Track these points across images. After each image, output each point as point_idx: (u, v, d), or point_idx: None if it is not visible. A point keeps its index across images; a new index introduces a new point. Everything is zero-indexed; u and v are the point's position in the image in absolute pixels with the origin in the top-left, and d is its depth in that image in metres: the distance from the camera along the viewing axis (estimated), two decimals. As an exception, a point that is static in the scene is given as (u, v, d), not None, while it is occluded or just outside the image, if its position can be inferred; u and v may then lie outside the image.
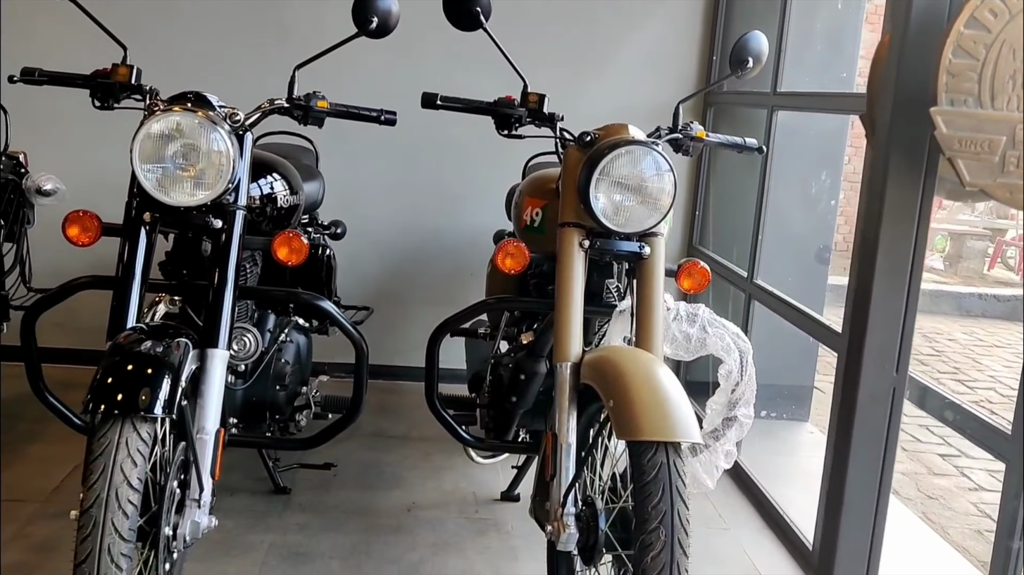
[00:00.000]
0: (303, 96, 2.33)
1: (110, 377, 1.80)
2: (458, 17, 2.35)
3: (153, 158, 2.05)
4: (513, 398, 2.54)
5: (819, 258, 4.05)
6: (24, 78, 2.29)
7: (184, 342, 1.94)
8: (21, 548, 2.59)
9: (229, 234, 2.16)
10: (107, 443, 1.72)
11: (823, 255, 4.06)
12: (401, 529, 2.89)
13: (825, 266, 4.07)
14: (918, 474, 4.30)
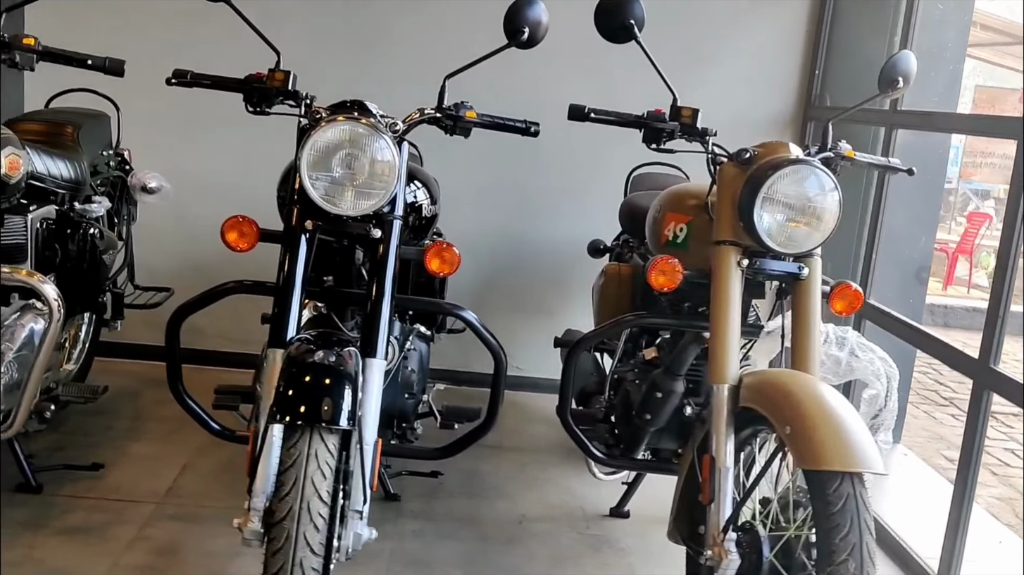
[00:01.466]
0: (453, 106, 2.31)
1: (291, 389, 1.78)
2: (610, 30, 2.33)
3: (320, 167, 2.04)
4: (647, 416, 2.50)
5: (918, 278, 3.99)
6: (178, 80, 2.27)
7: (355, 351, 1.92)
8: (143, 551, 2.57)
9: (387, 243, 2.14)
10: (297, 455, 1.70)
11: (921, 275, 4.00)
12: (515, 540, 2.86)
13: (923, 286, 4.01)
14: (1013, 499, 4.24)
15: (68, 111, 3.18)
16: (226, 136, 4.01)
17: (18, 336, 2.50)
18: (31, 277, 2.20)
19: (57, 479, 2.87)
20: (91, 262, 2.91)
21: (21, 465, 2.78)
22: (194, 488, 2.98)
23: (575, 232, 4.05)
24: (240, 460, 3.18)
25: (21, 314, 2.56)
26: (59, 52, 2.16)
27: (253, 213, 4.07)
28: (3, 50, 2.11)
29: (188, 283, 3.81)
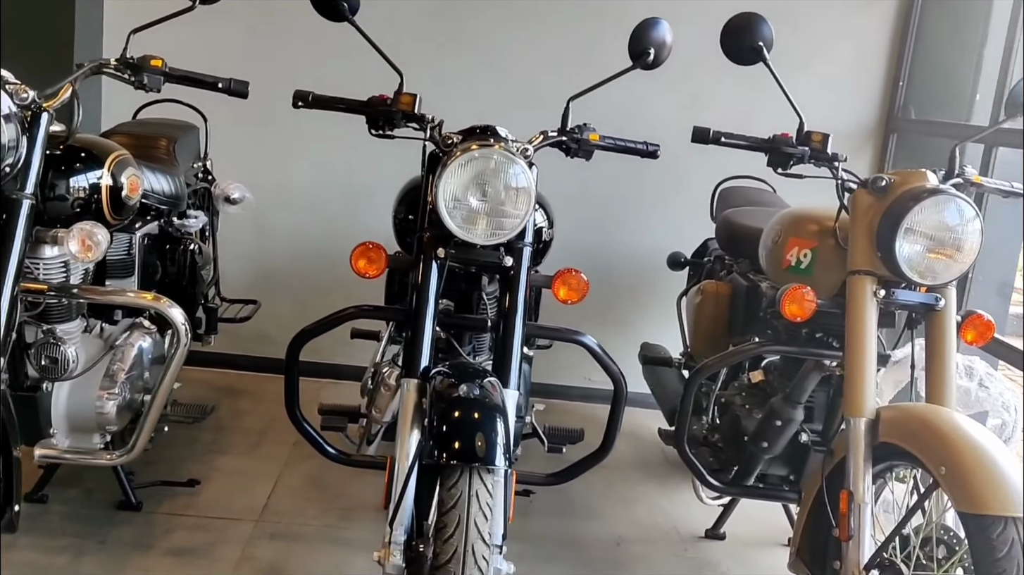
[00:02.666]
0: (576, 128, 2.28)
1: (444, 425, 1.75)
2: (738, 52, 2.29)
3: (456, 194, 2.00)
4: (763, 443, 2.46)
5: (1000, 293, 3.93)
6: (299, 103, 2.24)
7: (497, 383, 1.90)
8: (251, 571, 2.56)
9: (517, 271, 2.11)
10: (459, 495, 1.67)
11: (1004, 290, 3.94)
12: (616, 563, 2.83)
13: (1006, 301, 3.95)
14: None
15: (158, 123, 3.16)
16: (301, 145, 3.99)
17: (128, 356, 2.48)
18: (158, 301, 2.18)
19: (155, 496, 2.86)
20: (190, 278, 2.89)
21: (122, 483, 2.76)
22: (288, 505, 2.96)
23: (653, 243, 4.01)
24: (327, 475, 3.20)
25: (130, 333, 2.55)
26: (185, 74, 2.13)
27: (327, 222, 4.12)
28: (133, 72, 2.08)
29: (267, 294, 3.82)
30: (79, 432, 2.41)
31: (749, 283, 2.85)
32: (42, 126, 1.97)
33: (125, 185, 2.29)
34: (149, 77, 2.10)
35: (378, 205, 4.19)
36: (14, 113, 1.89)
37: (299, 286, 4.11)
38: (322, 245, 4.14)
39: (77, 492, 2.84)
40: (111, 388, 2.39)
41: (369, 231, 4.11)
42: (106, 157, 2.25)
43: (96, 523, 2.69)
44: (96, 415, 2.38)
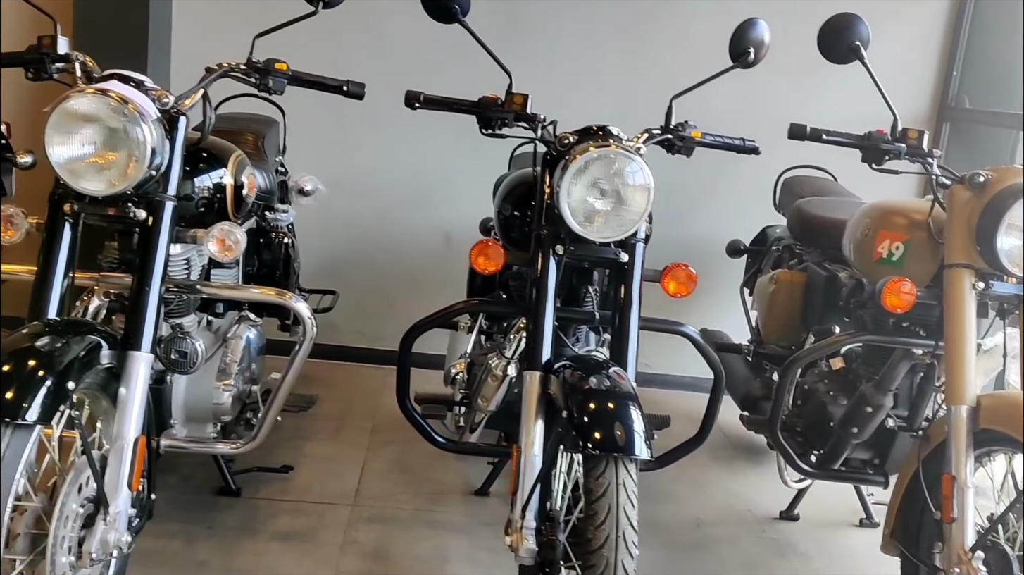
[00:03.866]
0: (679, 125, 2.34)
1: (584, 416, 1.83)
2: (836, 51, 2.36)
3: (578, 194, 2.08)
4: (853, 429, 2.55)
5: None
6: (412, 103, 2.30)
7: (623, 372, 1.99)
8: (356, 555, 2.65)
9: (632, 267, 2.19)
10: (607, 484, 1.76)
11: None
12: (701, 546, 2.93)
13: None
14: None
15: (243, 118, 3.23)
16: (366, 136, 4.06)
17: (238, 348, 2.57)
18: (285, 297, 2.26)
19: (252, 482, 2.95)
20: (284, 270, 2.97)
21: (222, 470, 2.86)
22: (378, 490, 3.05)
23: (708, 232, 4.09)
24: (409, 460, 3.30)
25: (238, 325, 2.63)
26: (308, 77, 2.20)
27: (391, 212, 4.20)
28: (260, 75, 2.15)
29: (333, 284, 3.90)
30: (195, 422, 2.49)
31: (827, 272, 2.93)
32: (180, 130, 2.04)
33: (245, 184, 2.36)
34: (274, 80, 2.17)
35: (443, 194, 4.29)
36: (158, 118, 1.96)
37: (365, 276, 4.20)
38: (386, 235, 4.23)
39: (176, 479, 2.94)
40: (226, 380, 2.48)
41: (434, 221, 4.24)
42: (228, 157, 2.33)
43: (200, 509, 2.79)
44: (212, 406, 2.47)
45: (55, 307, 1.94)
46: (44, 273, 1.95)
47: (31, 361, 1.69)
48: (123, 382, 1.91)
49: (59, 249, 1.97)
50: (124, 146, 1.90)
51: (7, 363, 1.67)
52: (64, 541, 1.77)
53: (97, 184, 1.90)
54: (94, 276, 2.16)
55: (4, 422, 1.59)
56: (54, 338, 1.75)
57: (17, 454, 1.61)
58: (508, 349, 2.44)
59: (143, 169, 1.91)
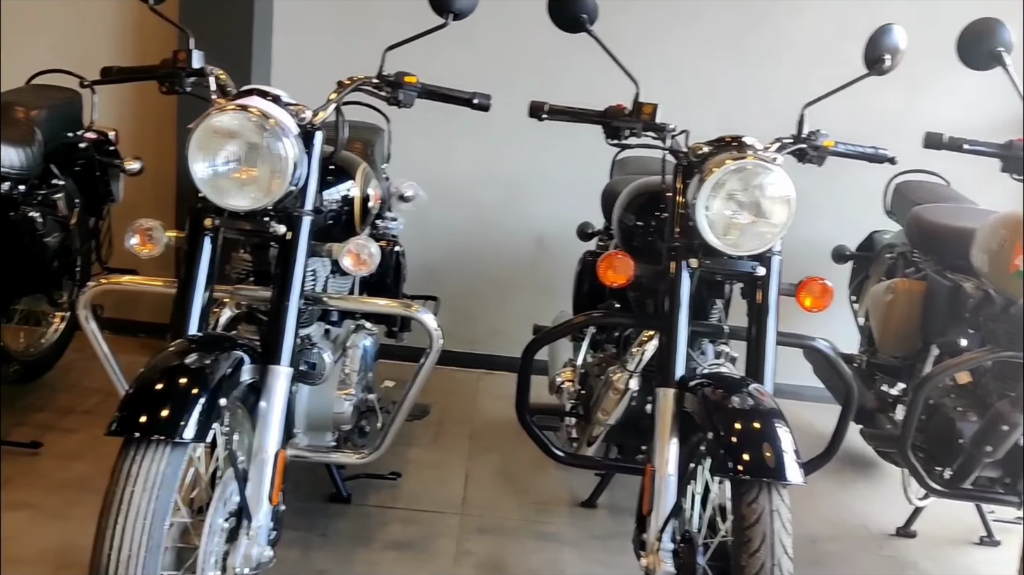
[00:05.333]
0: (812, 134, 2.28)
1: (732, 437, 1.79)
2: (977, 58, 2.28)
3: (715, 207, 2.03)
4: (987, 447, 2.46)
5: None
6: (538, 114, 2.28)
7: (764, 389, 1.94)
8: (472, 566, 2.64)
9: (768, 280, 2.14)
10: (760, 511, 1.71)
11: None
12: (817, 562, 2.86)
13: None
14: None
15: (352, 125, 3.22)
16: (464, 141, 4.06)
17: (356, 357, 2.57)
18: (411, 309, 2.25)
19: (361, 488, 2.96)
20: (394, 277, 2.97)
21: (333, 477, 2.87)
22: (485, 499, 3.04)
23: (813, 235, 3.99)
24: (511, 468, 3.28)
25: (355, 334, 2.63)
26: (437, 89, 2.19)
27: (486, 217, 4.18)
28: (391, 88, 2.14)
29: (428, 289, 3.90)
30: (315, 431, 2.50)
31: (950, 282, 2.83)
32: (316, 144, 2.04)
33: (371, 196, 2.36)
34: (404, 94, 2.16)
35: (536, 198, 4.27)
36: (297, 133, 1.96)
37: (457, 279, 4.20)
38: (480, 239, 4.22)
39: (288, 485, 2.90)
40: (346, 389, 2.48)
41: (526, 225, 4.22)
42: (355, 170, 2.33)
43: (312, 515, 2.80)
44: (333, 415, 2.47)
45: (196, 322, 1.96)
46: (185, 288, 1.96)
47: (183, 379, 1.70)
48: (264, 396, 1.91)
49: (199, 264, 1.98)
50: (266, 161, 1.91)
51: (160, 381, 1.69)
52: (211, 556, 1.78)
53: (241, 200, 1.91)
54: (229, 289, 2.17)
55: (162, 441, 1.60)
56: (202, 355, 1.76)
57: (174, 471, 1.62)
58: (631, 362, 2.39)
59: (285, 184, 1.91)
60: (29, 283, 3.03)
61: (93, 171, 3.41)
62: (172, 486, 1.61)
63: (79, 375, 3.49)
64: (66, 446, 3.01)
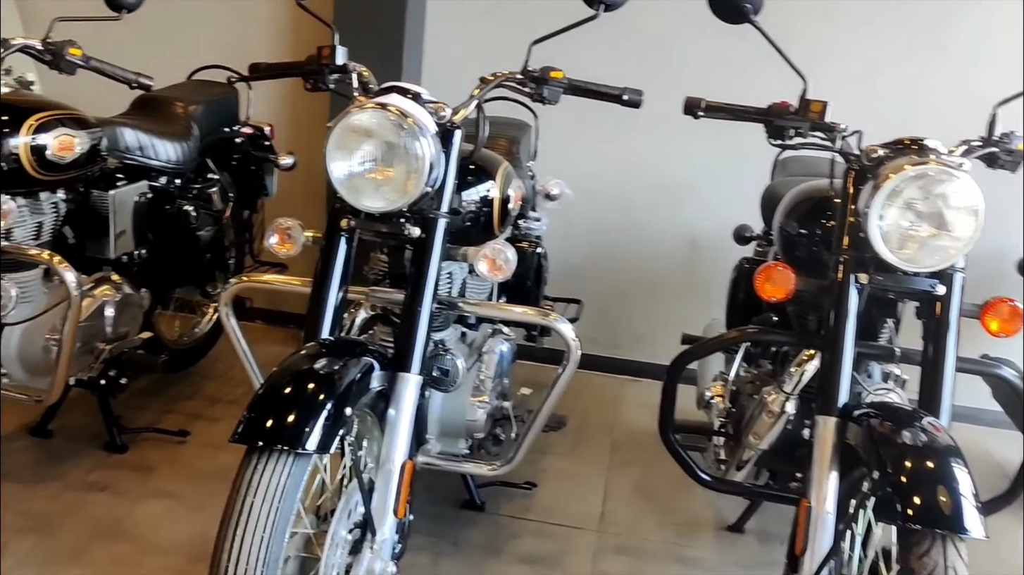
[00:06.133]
0: (1004, 136, 2.02)
1: (902, 477, 1.58)
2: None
3: (891, 218, 1.82)
4: None
5: None
6: (694, 111, 2.12)
7: (940, 424, 1.73)
8: (608, 586, 2.51)
9: (948, 299, 1.90)
10: (932, 566, 1.51)
11: None
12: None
13: None
14: None
15: (494, 122, 3.12)
16: (614, 137, 3.91)
17: (492, 363, 2.48)
18: (547, 317, 2.14)
19: (495, 496, 2.88)
20: (535, 280, 2.87)
21: (467, 484, 2.80)
22: (623, 516, 2.89)
23: (997, 246, 3.63)
24: (652, 484, 3.12)
25: (492, 339, 2.55)
26: (584, 85, 2.06)
27: (633, 217, 4.02)
28: (537, 84, 2.03)
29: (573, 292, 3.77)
30: (448, 438, 2.43)
31: None
32: (455, 144, 1.95)
33: (511, 197, 2.27)
34: (550, 90, 2.05)
35: (691, 198, 4.07)
36: (435, 132, 1.88)
37: (603, 281, 4.06)
38: (628, 239, 4.06)
39: (420, 488, 2.87)
40: (480, 396, 2.40)
41: (679, 225, 4.03)
42: (496, 170, 2.24)
43: (444, 522, 2.74)
44: (466, 422, 2.39)
45: (329, 325, 1.91)
46: (320, 290, 1.92)
47: (311, 384, 1.64)
48: (393, 403, 1.84)
49: (334, 265, 1.93)
50: (402, 161, 1.83)
51: (287, 387, 1.64)
52: (334, 568, 1.72)
53: (376, 201, 1.85)
54: (364, 291, 2.12)
55: (284, 450, 1.55)
56: (331, 360, 1.70)
57: (296, 482, 1.56)
58: (788, 383, 2.20)
59: (421, 185, 1.83)
60: (183, 275, 3.10)
61: (248, 165, 3.47)
62: (294, 497, 1.56)
63: (227, 365, 3.55)
64: (211, 435, 3.06)
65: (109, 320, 2.70)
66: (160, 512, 2.62)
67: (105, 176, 2.77)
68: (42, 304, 2.55)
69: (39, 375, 2.55)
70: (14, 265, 2.44)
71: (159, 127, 2.97)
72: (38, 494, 2.65)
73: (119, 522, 2.56)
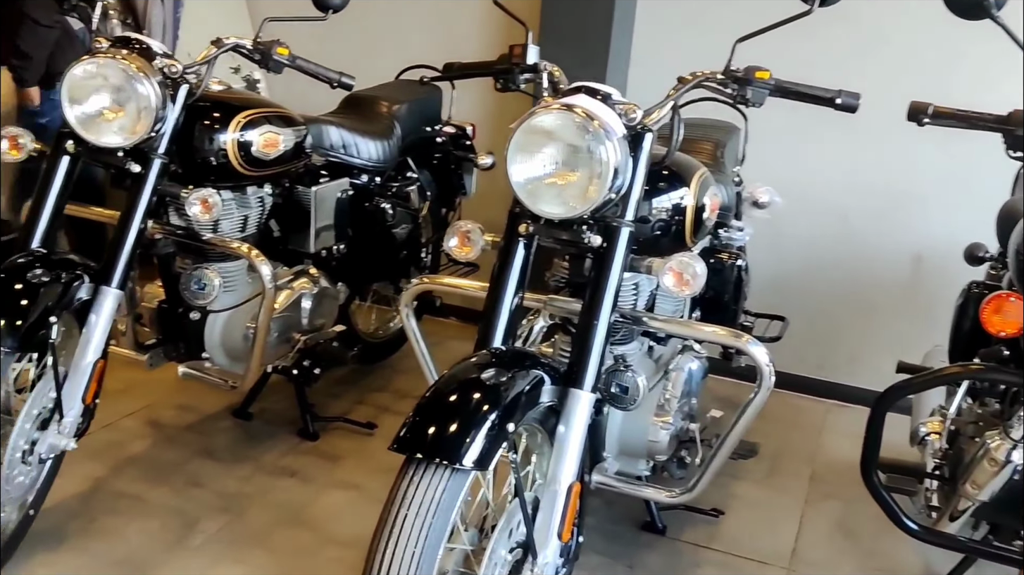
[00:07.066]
0: None
1: None
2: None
3: None
4: None
5: None
6: (916, 117, 1.89)
7: None
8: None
9: None
10: None
11: None
12: None
13: None
14: None
15: (702, 124, 2.99)
16: (829, 141, 3.63)
17: (679, 382, 2.34)
18: (739, 338, 1.98)
19: (678, 520, 2.73)
20: (733, 294, 2.70)
21: (648, 504, 2.67)
22: (819, 555, 2.66)
23: None
24: (854, 521, 2.84)
25: (681, 356, 2.40)
26: (795, 88, 1.88)
27: (852, 228, 3.71)
28: (739, 86, 1.87)
29: (781, 307, 3.53)
30: (627, 457, 2.31)
31: None
32: (645, 147, 1.83)
33: (707, 205, 2.12)
34: (754, 91, 1.88)
35: (916, 210, 3.71)
36: (623, 135, 1.77)
37: (812, 297, 3.78)
38: (843, 253, 3.76)
39: (600, 503, 2.80)
40: (664, 416, 2.27)
41: (902, 241, 3.68)
42: (691, 176, 2.09)
43: (621, 543, 2.62)
44: (647, 443, 2.27)
45: (502, 333, 1.84)
46: (495, 295, 1.85)
47: (475, 395, 1.58)
48: (563, 421, 1.75)
49: (510, 271, 1.86)
50: (585, 166, 1.74)
51: (452, 395, 1.58)
52: (493, 589, 1.66)
53: (555, 207, 1.76)
54: (542, 298, 2.04)
55: (443, 464, 1.50)
56: (499, 372, 1.64)
57: (453, 497, 1.51)
58: (1016, 429, 1.92)
59: (604, 191, 1.73)
60: (379, 270, 3.16)
61: (448, 165, 3.50)
62: (449, 512, 1.50)
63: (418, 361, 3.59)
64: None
65: (305, 312, 2.78)
66: (342, 503, 2.67)
67: (309, 173, 2.86)
68: (244, 294, 2.66)
69: (238, 361, 2.67)
70: (220, 256, 2.55)
71: (363, 126, 3.04)
72: (234, 474, 2.77)
73: (303, 509, 2.63)
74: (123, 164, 2.24)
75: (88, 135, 2.18)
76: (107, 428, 2.94)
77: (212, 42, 2.37)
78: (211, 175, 2.46)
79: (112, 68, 2.15)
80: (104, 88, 2.17)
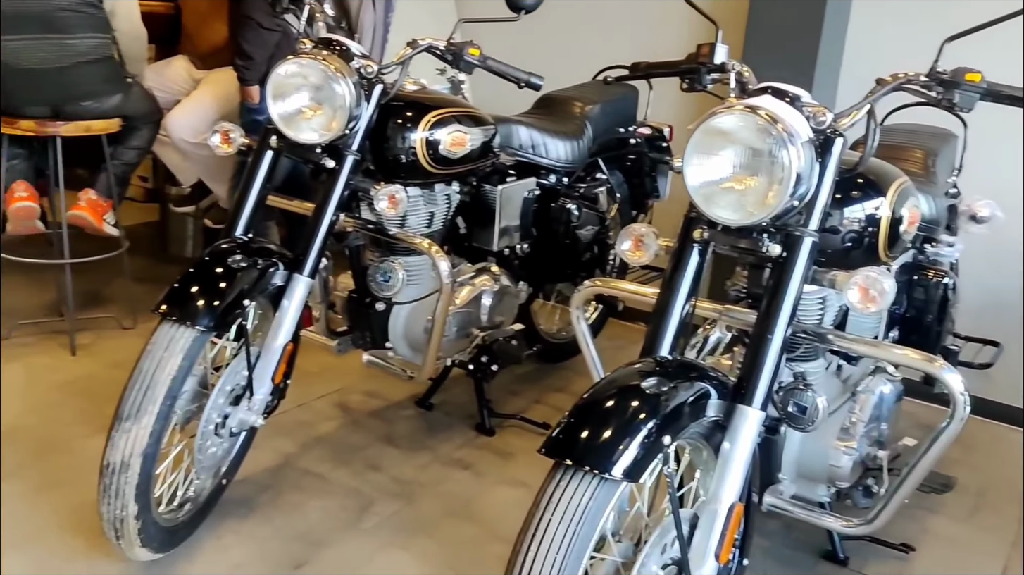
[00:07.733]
0: None
1: None
2: None
3: None
4: None
5: None
6: None
7: None
8: None
9: None
10: None
11: None
12: None
13: None
14: None
15: (914, 130, 2.78)
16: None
17: (868, 405, 2.17)
18: (932, 363, 1.80)
19: (862, 552, 2.54)
20: (937, 316, 2.48)
21: (831, 534, 2.50)
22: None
23: None
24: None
25: (871, 378, 2.24)
26: (1004, 90, 1.70)
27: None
28: (944, 89, 1.72)
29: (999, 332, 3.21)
30: (805, 481, 2.18)
31: None
32: (834, 153, 1.72)
33: (905, 217, 1.96)
34: (961, 95, 1.72)
35: None
36: (810, 139, 1.66)
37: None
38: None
39: (778, 526, 2.66)
40: (848, 441, 2.12)
41: None
42: (888, 185, 1.94)
43: (798, 570, 2.48)
44: (828, 467, 2.13)
45: (670, 341, 1.78)
46: (664, 302, 1.80)
47: (633, 403, 1.53)
48: (728, 438, 1.67)
49: (682, 278, 1.80)
50: (766, 171, 1.65)
51: (610, 401, 1.55)
52: (642, 606, 1.60)
53: (732, 212, 1.68)
54: (717, 308, 1.96)
55: (592, 473, 1.46)
56: (661, 380, 1.58)
57: (600, 507, 1.47)
58: None
59: (785, 198, 1.64)
60: (562, 271, 3.15)
61: (641, 166, 3.44)
62: (595, 521, 1.47)
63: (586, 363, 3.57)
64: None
65: (485, 309, 2.82)
66: (511, 500, 2.68)
67: (497, 171, 2.89)
68: (428, 288, 2.72)
69: (419, 352, 2.74)
70: (405, 250, 2.63)
71: (553, 126, 3.04)
72: (411, 462, 2.86)
73: (472, 502, 2.67)
74: (319, 160, 2.35)
75: (288, 131, 2.31)
76: (300, 408, 3.11)
77: (407, 43, 2.45)
78: (401, 172, 2.54)
79: (312, 68, 2.26)
80: (304, 87, 2.28)
